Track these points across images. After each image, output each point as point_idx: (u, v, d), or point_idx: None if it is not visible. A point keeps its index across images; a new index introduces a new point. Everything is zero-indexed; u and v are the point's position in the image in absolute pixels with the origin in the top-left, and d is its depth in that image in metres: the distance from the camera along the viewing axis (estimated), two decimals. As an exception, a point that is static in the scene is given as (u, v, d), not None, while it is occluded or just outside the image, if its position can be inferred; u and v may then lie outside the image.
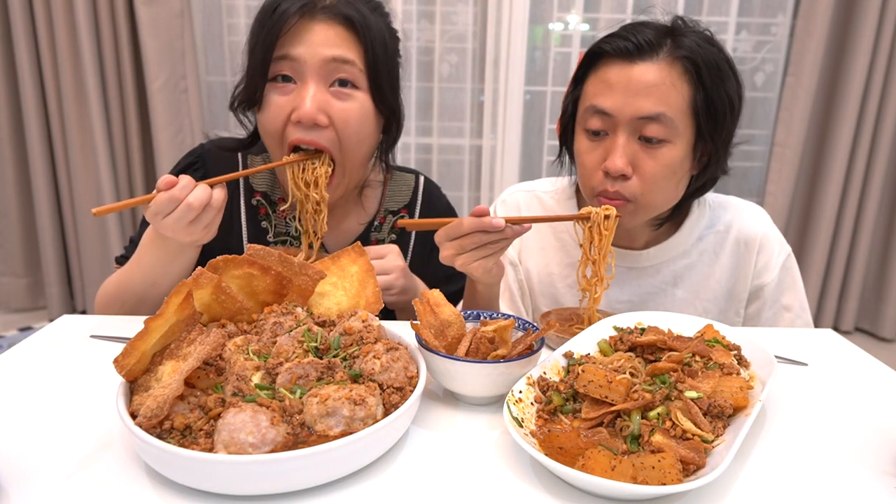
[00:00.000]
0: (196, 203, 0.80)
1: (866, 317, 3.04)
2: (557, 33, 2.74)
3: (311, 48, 0.85)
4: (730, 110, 0.94)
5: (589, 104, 0.95)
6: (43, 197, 2.77)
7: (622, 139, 0.92)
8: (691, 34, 0.94)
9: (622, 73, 0.92)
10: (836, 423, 0.70)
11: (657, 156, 0.92)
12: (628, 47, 0.92)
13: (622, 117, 0.91)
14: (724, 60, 0.94)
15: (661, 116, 0.90)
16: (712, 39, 0.96)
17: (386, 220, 1.08)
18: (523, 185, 1.21)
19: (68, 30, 2.56)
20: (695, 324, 0.83)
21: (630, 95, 0.90)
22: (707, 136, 0.94)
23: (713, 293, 1.09)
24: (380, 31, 0.90)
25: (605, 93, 0.93)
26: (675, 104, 0.91)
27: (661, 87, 0.90)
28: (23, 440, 0.61)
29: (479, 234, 0.84)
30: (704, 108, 0.92)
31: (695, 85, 0.91)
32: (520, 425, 0.60)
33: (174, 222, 0.81)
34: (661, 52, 0.92)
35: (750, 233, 1.09)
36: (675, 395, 0.64)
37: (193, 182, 0.82)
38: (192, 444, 0.53)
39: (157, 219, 0.82)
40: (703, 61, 0.91)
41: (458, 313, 0.74)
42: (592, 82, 0.96)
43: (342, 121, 0.88)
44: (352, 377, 0.61)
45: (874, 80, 2.66)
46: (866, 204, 2.82)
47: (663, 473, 0.53)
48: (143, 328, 0.59)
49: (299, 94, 0.86)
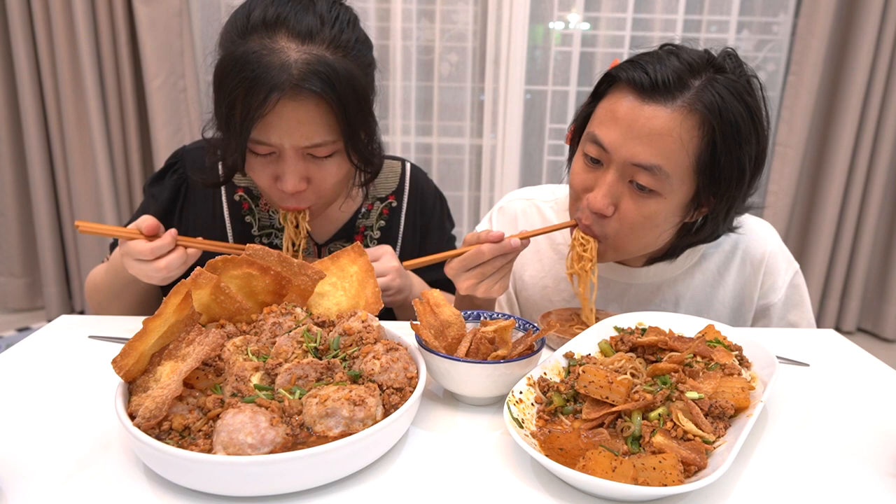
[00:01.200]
0: (164, 268, 0.85)
1: (868, 317, 3.04)
2: (558, 32, 2.74)
3: (288, 136, 0.85)
4: (738, 177, 0.83)
5: (592, 130, 0.88)
6: (41, 196, 2.76)
7: (611, 177, 0.85)
8: (723, 80, 0.81)
9: (630, 109, 0.82)
10: (838, 424, 0.69)
11: (641, 204, 0.85)
12: (644, 82, 0.81)
13: (616, 157, 0.84)
14: (750, 120, 0.82)
15: (655, 169, 0.82)
16: (746, 91, 0.83)
17: (374, 206, 1.08)
18: (523, 193, 1.18)
19: (66, 29, 2.56)
20: (696, 324, 0.83)
21: (631, 137, 0.82)
22: (707, 197, 0.86)
23: (716, 313, 1.05)
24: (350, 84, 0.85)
25: (608, 124, 0.85)
26: (676, 160, 0.81)
27: (666, 139, 0.80)
28: (21, 441, 0.61)
29: (499, 259, 0.85)
30: (710, 169, 0.82)
31: (706, 143, 0.81)
32: (520, 426, 0.60)
33: (139, 269, 0.86)
34: (679, 97, 0.81)
35: (756, 253, 1.04)
36: (676, 395, 0.63)
37: (173, 241, 0.86)
38: (190, 445, 0.53)
39: (126, 258, 0.86)
40: (722, 120, 0.80)
41: (458, 314, 0.74)
42: (604, 106, 0.88)
43: (321, 180, 0.91)
44: (351, 378, 0.61)
45: (876, 79, 2.65)
46: (869, 203, 2.82)
47: (664, 474, 0.52)
48: (141, 328, 0.59)
49: (279, 166, 0.88)
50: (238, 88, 0.82)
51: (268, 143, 0.85)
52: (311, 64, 0.82)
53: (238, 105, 0.82)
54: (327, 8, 0.87)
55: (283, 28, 0.84)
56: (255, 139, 0.85)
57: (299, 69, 0.82)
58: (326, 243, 1.07)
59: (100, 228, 0.86)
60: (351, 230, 1.07)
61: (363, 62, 0.90)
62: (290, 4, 0.86)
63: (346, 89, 0.84)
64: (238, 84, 0.82)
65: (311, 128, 0.85)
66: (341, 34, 0.87)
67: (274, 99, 0.81)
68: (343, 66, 0.84)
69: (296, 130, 0.84)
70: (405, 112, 2.77)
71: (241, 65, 0.82)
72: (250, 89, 0.81)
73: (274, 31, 0.83)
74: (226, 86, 0.84)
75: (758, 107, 0.84)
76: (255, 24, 0.84)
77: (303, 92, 0.82)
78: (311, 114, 0.84)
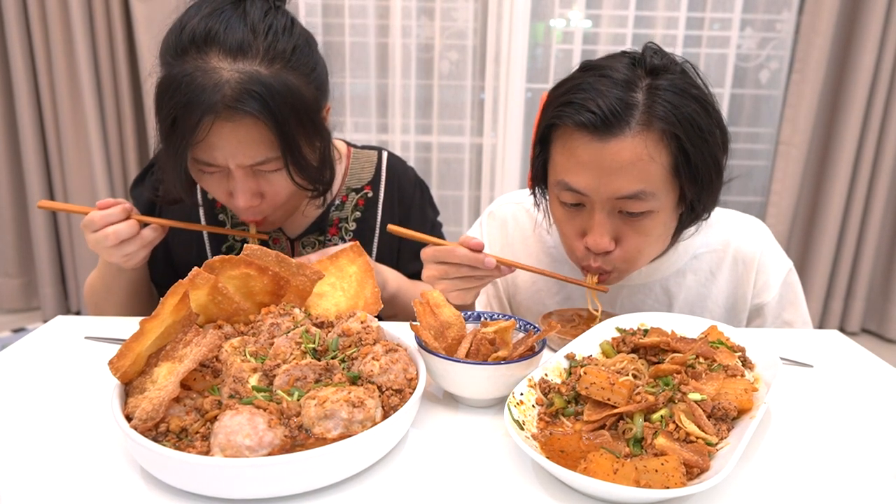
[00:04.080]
0: (112, 234, 0.89)
1: (873, 318, 3.02)
2: (559, 30, 2.73)
3: (231, 156, 0.84)
4: (715, 166, 0.83)
5: (560, 179, 0.84)
6: (36, 196, 2.75)
7: (600, 216, 0.84)
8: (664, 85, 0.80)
9: (593, 152, 0.80)
10: (843, 425, 0.69)
11: (641, 228, 0.84)
12: (594, 121, 0.78)
13: (598, 197, 0.82)
14: (705, 114, 0.81)
15: (640, 194, 0.81)
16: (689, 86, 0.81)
17: (348, 197, 1.06)
18: (514, 197, 1.16)
19: (62, 26, 2.55)
20: (698, 325, 0.82)
21: (604, 175, 0.80)
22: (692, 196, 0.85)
23: (710, 313, 1.05)
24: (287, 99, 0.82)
25: (575, 170, 0.82)
26: (654, 177, 0.80)
27: (638, 164, 0.79)
28: (16, 443, 0.60)
29: (467, 268, 0.84)
30: (687, 172, 0.81)
31: (674, 150, 0.80)
32: (521, 428, 0.60)
33: (95, 242, 0.90)
34: (633, 120, 0.79)
35: (748, 251, 1.04)
36: (678, 397, 0.63)
37: (125, 212, 0.91)
38: (188, 447, 0.53)
39: (85, 231, 0.91)
40: (681, 125, 0.79)
41: (458, 314, 0.73)
42: (560, 152, 0.84)
43: (273, 194, 0.91)
44: (350, 379, 0.61)
45: (881, 78, 2.64)
46: (873, 203, 2.80)
47: (666, 477, 0.52)
48: (138, 329, 0.59)
49: (230, 182, 0.88)
50: (173, 111, 0.81)
51: (213, 163, 0.85)
52: (244, 83, 0.80)
53: (176, 127, 0.82)
54: (260, 17, 0.84)
55: (215, 45, 0.82)
56: (200, 160, 0.85)
57: (232, 89, 0.80)
58: (299, 237, 1.06)
59: (59, 206, 0.95)
60: (324, 223, 1.05)
61: (305, 69, 0.87)
62: (222, 17, 0.83)
63: (282, 106, 0.81)
64: (173, 108, 0.81)
65: (252, 147, 0.83)
66: (276, 44, 0.83)
67: (207, 122, 0.80)
68: (279, 81, 0.82)
69: (237, 150, 0.83)
70: (405, 110, 2.77)
71: (174, 87, 0.81)
72: (184, 113, 0.80)
73: (206, 50, 0.82)
74: (162, 108, 0.83)
75: (703, 93, 0.83)
76: (187, 43, 0.83)
77: (237, 113, 0.80)
78: (251, 133, 0.82)
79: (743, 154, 2.86)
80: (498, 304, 1.16)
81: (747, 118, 2.84)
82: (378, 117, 2.76)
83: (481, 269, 0.83)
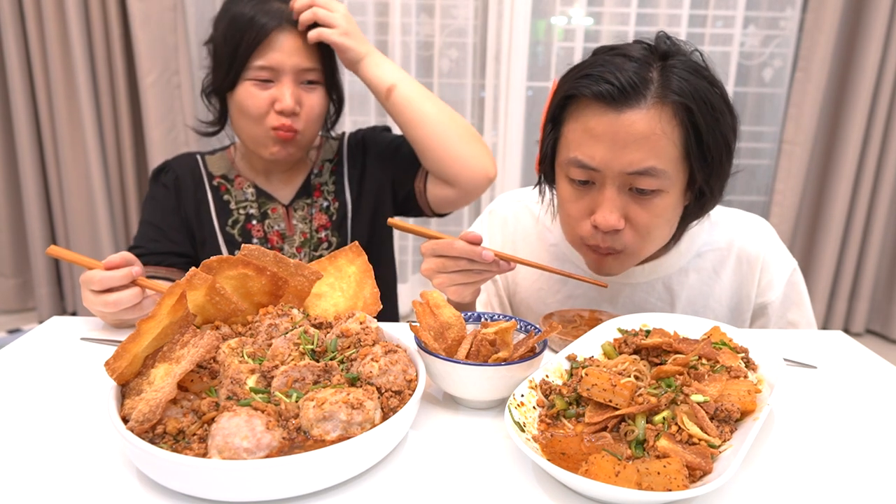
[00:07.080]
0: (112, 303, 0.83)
1: (877, 318, 3.00)
2: (560, 27, 2.71)
3: (286, 58, 1.07)
4: (725, 148, 0.84)
5: (572, 155, 0.85)
6: (32, 196, 2.73)
7: (610, 192, 0.84)
8: (678, 63, 0.82)
9: (608, 123, 0.81)
10: (847, 427, 0.68)
11: (650, 206, 0.84)
12: (612, 92, 0.80)
13: (609, 172, 0.83)
14: (717, 94, 0.83)
15: (652, 170, 0.81)
16: (700, 67, 0.84)
17: (324, 167, 1.27)
18: (515, 195, 1.16)
19: (58, 24, 2.53)
20: (701, 326, 0.82)
21: (618, 148, 0.81)
22: (702, 179, 0.85)
23: (713, 312, 1.04)
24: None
25: (588, 144, 0.83)
26: (666, 154, 0.81)
27: (652, 139, 0.80)
28: (11, 445, 0.60)
29: (465, 261, 0.83)
30: (698, 153, 0.82)
31: (686, 128, 0.81)
32: (522, 430, 0.59)
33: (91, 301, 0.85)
34: (649, 93, 0.80)
35: (752, 250, 1.03)
36: (681, 398, 0.62)
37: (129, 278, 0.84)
38: (185, 450, 0.52)
39: (83, 288, 0.86)
40: (695, 101, 0.80)
41: (458, 315, 0.73)
42: (572, 128, 0.85)
43: (310, 108, 1.12)
44: (349, 380, 0.60)
45: (885, 76, 2.62)
46: (877, 202, 2.78)
47: (669, 479, 0.51)
48: (134, 330, 0.58)
49: (279, 89, 1.08)
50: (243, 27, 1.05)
51: (269, 66, 1.06)
52: None
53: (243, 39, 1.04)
54: None
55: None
56: (257, 65, 1.06)
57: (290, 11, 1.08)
58: (291, 202, 1.23)
59: (67, 256, 0.86)
60: (309, 187, 1.24)
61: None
62: None
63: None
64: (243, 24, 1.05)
65: (306, 54, 1.08)
66: None
67: (272, 26, 1.05)
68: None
69: (294, 54, 1.07)
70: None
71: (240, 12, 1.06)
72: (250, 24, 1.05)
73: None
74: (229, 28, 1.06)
75: (714, 77, 0.85)
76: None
77: (295, 28, 1.07)
78: (305, 44, 1.08)
79: (746, 153, 2.84)
80: (498, 303, 1.15)
81: (750, 117, 2.83)
82: (378, 116, 2.75)
83: (479, 262, 0.82)
